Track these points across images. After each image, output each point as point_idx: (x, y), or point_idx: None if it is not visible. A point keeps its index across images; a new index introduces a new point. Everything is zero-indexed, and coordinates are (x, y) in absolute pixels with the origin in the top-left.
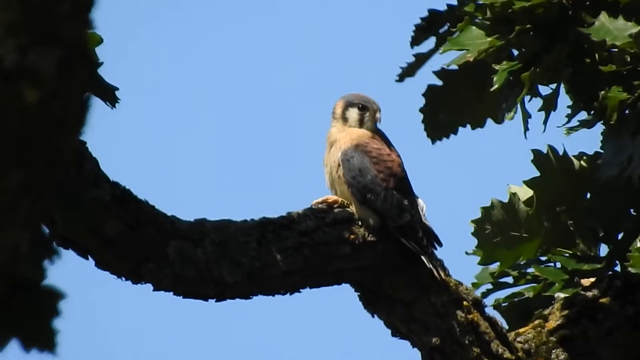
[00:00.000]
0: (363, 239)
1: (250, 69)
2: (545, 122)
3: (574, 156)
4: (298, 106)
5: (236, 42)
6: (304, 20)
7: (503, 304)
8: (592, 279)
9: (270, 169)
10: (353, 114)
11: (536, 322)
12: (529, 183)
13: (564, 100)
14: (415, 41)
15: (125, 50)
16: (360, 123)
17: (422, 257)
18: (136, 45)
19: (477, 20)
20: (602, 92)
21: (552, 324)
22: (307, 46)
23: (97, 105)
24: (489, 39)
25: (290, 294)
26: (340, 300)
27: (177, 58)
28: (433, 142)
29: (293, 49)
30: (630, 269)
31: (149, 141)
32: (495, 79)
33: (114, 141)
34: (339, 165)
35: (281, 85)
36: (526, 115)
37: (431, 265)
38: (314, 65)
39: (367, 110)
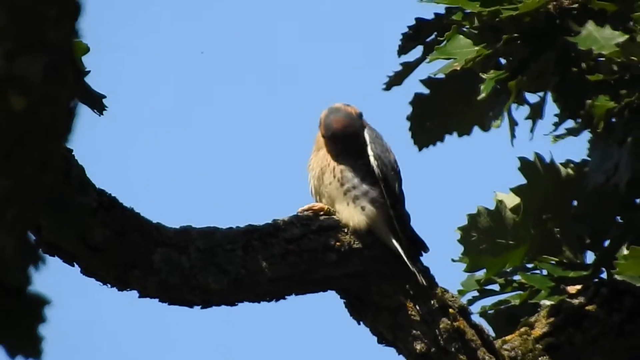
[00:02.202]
0: (349, 246)
1: (237, 77)
2: (532, 130)
3: (561, 164)
4: (284, 113)
5: (222, 51)
6: (290, 29)
7: (489, 312)
8: (579, 287)
9: (256, 176)
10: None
11: (522, 329)
12: (516, 190)
13: (551, 109)
14: (403, 50)
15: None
16: None
17: (406, 260)
18: (119, 53)
19: (464, 29)
20: (589, 100)
21: (538, 331)
22: (293, 55)
23: (82, 112)
24: (476, 48)
25: (276, 301)
26: (326, 308)
27: (160, 68)
28: (420, 149)
29: (279, 57)
30: (616, 276)
31: (132, 149)
32: (482, 87)
33: (97, 149)
34: (328, 164)
35: (267, 92)
36: (513, 123)
37: (414, 269)
38: (301, 73)
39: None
